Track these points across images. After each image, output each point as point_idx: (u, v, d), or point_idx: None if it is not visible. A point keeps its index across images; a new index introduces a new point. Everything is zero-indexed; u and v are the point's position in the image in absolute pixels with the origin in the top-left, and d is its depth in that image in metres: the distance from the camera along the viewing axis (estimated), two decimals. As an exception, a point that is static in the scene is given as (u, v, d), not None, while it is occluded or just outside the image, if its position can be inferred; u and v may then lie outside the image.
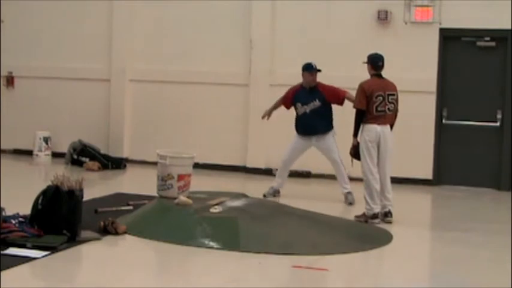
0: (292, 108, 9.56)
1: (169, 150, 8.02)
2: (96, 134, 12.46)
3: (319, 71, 9.38)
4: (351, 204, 9.15)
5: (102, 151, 12.15)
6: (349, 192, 9.28)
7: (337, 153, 9.30)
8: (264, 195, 9.42)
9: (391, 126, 8.28)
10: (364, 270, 6.54)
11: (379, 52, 8.39)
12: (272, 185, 9.62)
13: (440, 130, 11.17)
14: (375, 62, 8.27)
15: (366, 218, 8.09)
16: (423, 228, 8.41)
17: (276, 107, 9.80)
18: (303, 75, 9.42)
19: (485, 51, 11.00)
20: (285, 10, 11.64)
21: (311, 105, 9.34)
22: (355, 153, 8.22)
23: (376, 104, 8.09)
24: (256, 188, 9.68)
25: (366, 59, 8.33)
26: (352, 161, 8.37)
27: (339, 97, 9.32)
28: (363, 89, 8.15)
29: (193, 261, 6.48)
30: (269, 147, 11.45)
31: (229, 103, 11.93)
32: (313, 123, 9.32)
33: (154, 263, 6.60)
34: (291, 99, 9.54)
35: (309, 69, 9.37)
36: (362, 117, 8.13)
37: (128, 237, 6.94)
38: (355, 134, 8.20)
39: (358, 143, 8.18)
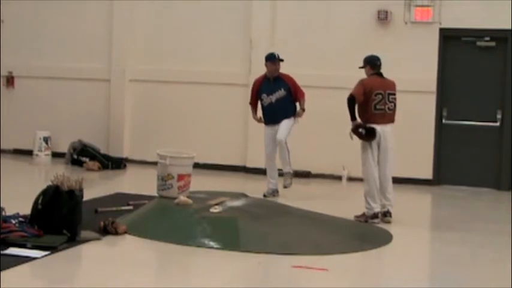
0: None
1: (169, 150, 8.02)
2: (96, 134, 12.45)
3: (282, 60, 9.50)
4: (285, 187, 9.46)
5: (102, 151, 12.15)
6: (288, 173, 9.49)
7: (285, 135, 9.39)
8: (264, 195, 9.43)
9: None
10: (364, 270, 6.53)
11: (378, 52, 8.40)
12: (268, 186, 9.64)
13: (440, 130, 11.17)
14: (374, 62, 8.26)
15: (366, 218, 8.09)
16: (423, 228, 8.41)
17: (255, 110, 9.83)
18: (266, 65, 9.58)
19: (485, 51, 11.00)
20: (285, 10, 11.64)
21: (276, 95, 9.49)
22: (356, 128, 7.99)
23: (374, 102, 8.06)
24: (256, 188, 9.67)
25: (361, 64, 8.30)
26: (351, 136, 8.10)
27: (296, 94, 9.51)
28: (362, 84, 8.10)
29: (193, 261, 6.48)
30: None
31: (229, 103, 11.92)
32: (279, 112, 9.46)
33: (154, 263, 6.60)
34: (256, 94, 9.66)
35: (272, 59, 9.51)
36: (354, 104, 7.99)
37: (128, 237, 6.94)
38: (353, 118, 8.05)
39: (359, 123, 8.02)
